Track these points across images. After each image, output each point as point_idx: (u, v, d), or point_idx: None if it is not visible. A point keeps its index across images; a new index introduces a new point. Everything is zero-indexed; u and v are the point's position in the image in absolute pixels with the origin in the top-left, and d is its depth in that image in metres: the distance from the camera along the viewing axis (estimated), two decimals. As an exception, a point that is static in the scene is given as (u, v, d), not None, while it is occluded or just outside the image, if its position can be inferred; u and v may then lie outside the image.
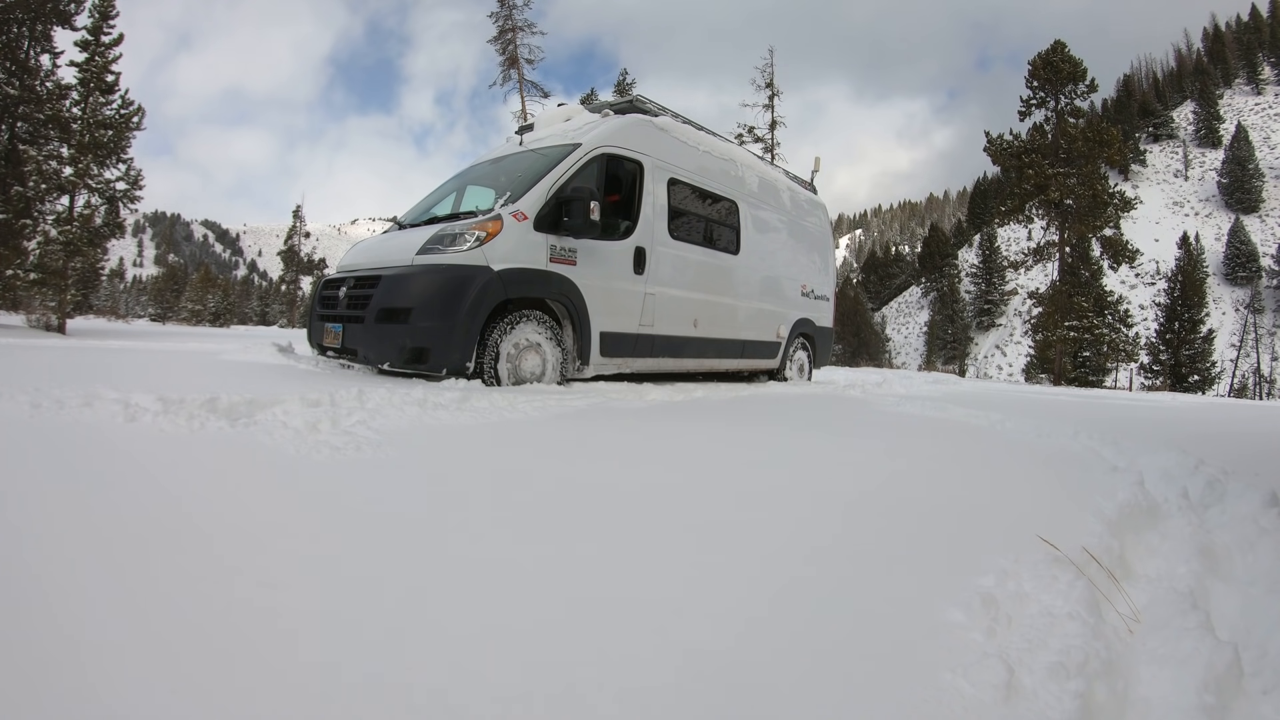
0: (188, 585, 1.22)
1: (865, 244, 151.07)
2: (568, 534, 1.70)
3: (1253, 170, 67.76)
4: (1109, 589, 1.62)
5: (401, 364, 4.01)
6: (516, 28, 23.36)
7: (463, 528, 1.69)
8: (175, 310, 45.74)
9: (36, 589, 1.15)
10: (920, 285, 73.53)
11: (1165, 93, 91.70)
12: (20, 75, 13.34)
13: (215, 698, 0.93)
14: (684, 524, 1.82)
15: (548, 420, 3.23)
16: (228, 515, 1.59)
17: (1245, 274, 59.58)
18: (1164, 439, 3.93)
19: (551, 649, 1.14)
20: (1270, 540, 2.10)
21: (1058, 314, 21.39)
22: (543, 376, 4.40)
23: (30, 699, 0.89)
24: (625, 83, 30.28)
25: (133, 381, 2.88)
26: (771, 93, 25.09)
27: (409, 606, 1.23)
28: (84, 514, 1.48)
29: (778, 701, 1.07)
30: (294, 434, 2.36)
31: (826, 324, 7.96)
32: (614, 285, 4.85)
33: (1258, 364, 41.29)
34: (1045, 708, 1.13)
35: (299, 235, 40.37)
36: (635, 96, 6.06)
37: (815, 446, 3.07)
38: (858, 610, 1.40)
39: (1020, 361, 40.38)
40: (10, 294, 13.35)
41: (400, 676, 1.02)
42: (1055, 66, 21.83)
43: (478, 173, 5.77)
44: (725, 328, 6.10)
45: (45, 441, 1.98)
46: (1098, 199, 20.35)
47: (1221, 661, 1.28)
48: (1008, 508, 2.23)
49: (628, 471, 2.30)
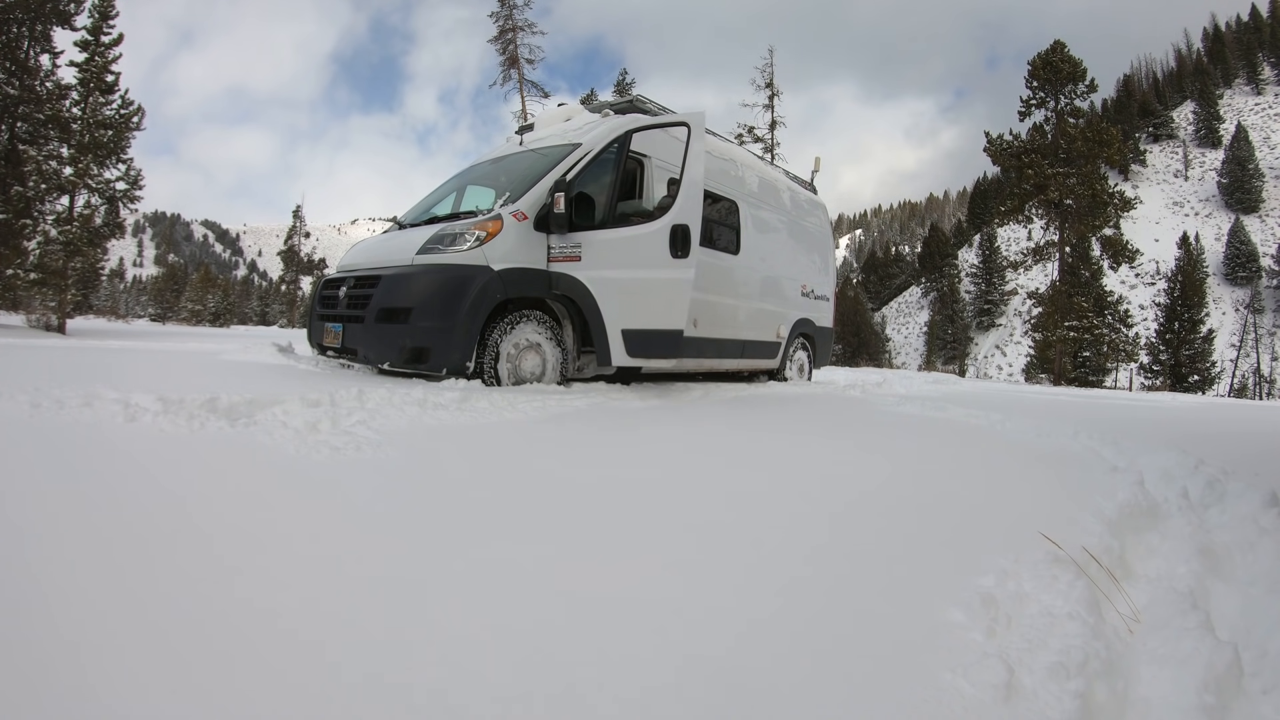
0: (187, 585, 1.22)
1: (865, 244, 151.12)
2: (568, 534, 1.70)
3: (1253, 170, 67.73)
4: (1109, 589, 1.62)
5: (401, 364, 4.01)
6: (517, 28, 23.36)
7: (463, 528, 1.69)
8: (175, 310, 45.73)
9: (36, 589, 1.15)
10: (920, 285, 73.51)
11: (1165, 93, 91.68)
12: (20, 75, 13.33)
13: (215, 697, 0.93)
14: (684, 524, 1.82)
15: (548, 421, 3.23)
16: (227, 515, 1.59)
17: (1245, 274, 59.56)
18: (1164, 439, 3.93)
19: (551, 649, 1.13)
20: (1270, 540, 2.10)
21: (1058, 314, 21.38)
22: (543, 376, 4.40)
23: (30, 699, 0.89)
24: (625, 82, 30.28)
25: (133, 381, 2.88)
26: (771, 93, 25.08)
27: (409, 606, 1.23)
28: (84, 514, 1.48)
29: (778, 701, 1.06)
30: (294, 434, 2.36)
31: (826, 324, 7.95)
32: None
33: (1258, 364, 41.28)
34: (1045, 708, 1.13)
35: (299, 235, 40.36)
36: (635, 96, 6.05)
37: (815, 447, 3.07)
38: (857, 610, 1.40)
39: (1020, 361, 40.36)
40: (10, 294, 13.35)
41: (400, 676, 1.02)
42: (1055, 66, 21.82)
43: (478, 173, 5.76)
44: (725, 328, 6.09)
45: (45, 441, 1.98)
46: (1097, 199, 20.34)
47: (1221, 661, 1.28)
48: (1007, 508, 2.23)
49: (628, 472, 2.30)
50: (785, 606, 1.38)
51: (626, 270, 4.39)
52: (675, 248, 4.43)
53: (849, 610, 1.40)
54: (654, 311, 4.49)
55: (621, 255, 4.40)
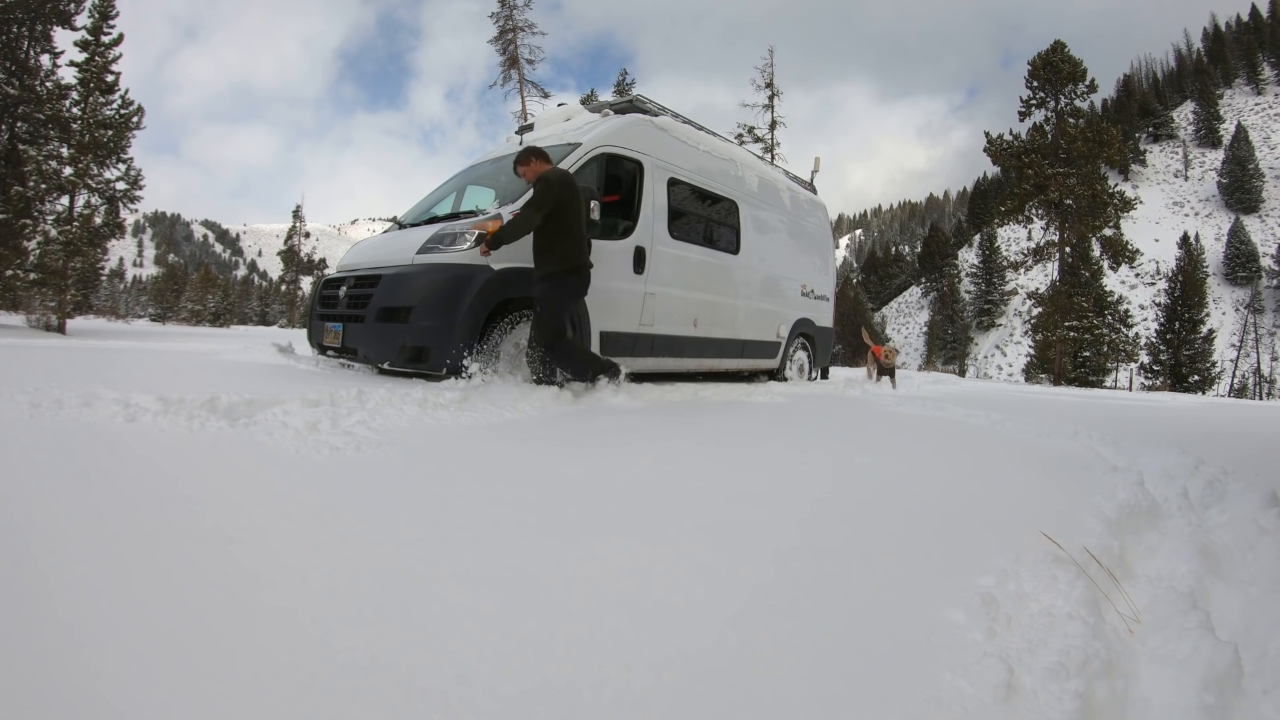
0: (187, 586, 1.22)
1: (865, 244, 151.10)
2: (568, 534, 1.70)
3: (1253, 170, 67.73)
4: (1109, 589, 1.62)
5: (401, 363, 4.01)
6: (517, 28, 23.37)
7: (463, 527, 1.69)
8: (175, 310, 45.73)
9: (35, 589, 1.15)
10: (920, 285, 73.50)
11: (1165, 93, 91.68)
12: (20, 75, 13.34)
13: (216, 697, 0.93)
14: (684, 524, 1.82)
15: (547, 420, 3.23)
16: (227, 515, 1.59)
17: (1245, 274, 59.56)
18: (1164, 439, 3.93)
19: (551, 649, 1.13)
20: (1270, 540, 2.10)
21: (1058, 314, 21.38)
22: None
23: (30, 699, 0.88)
24: (625, 83, 30.28)
25: (132, 381, 2.88)
26: (772, 93, 25.08)
27: (409, 606, 1.23)
28: (83, 514, 1.48)
29: (778, 701, 1.06)
30: (294, 434, 2.36)
31: (826, 324, 7.95)
32: (614, 285, 4.85)
33: (1258, 364, 41.27)
34: (1045, 708, 1.13)
35: (299, 235, 40.37)
36: (635, 96, 6.06)
37: (814, 447, 3.07)
38: (858, 610, 1.40)
39: (1020, 361, 40.36)
40: (10, 294, 13.35)
41: (400, 676, 1.02)
42: (1055, 67, 21.82)
43: (478, 173, 5.77)
44: (725, 328, 6.09)
45: (44, 441, 1.98)
46: (1098, 199, 20.33)
47: (1222, 661, 1.28)
48: (1007, 508, 2.23)
49: (628, 472, 2.30)
50: (786, 607, 1.38)
51: (607, 278, 4.74)
52: (636, 265, 5.06)
53: (849, 610, 1.40)
54: (620, 317, 4.94)
55: (605, 264, 4.72)
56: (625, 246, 4.97)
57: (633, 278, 5.01)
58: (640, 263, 5.05)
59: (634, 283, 5.02)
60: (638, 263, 5.04)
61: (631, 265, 4.99)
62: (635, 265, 5.02)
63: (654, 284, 5.18)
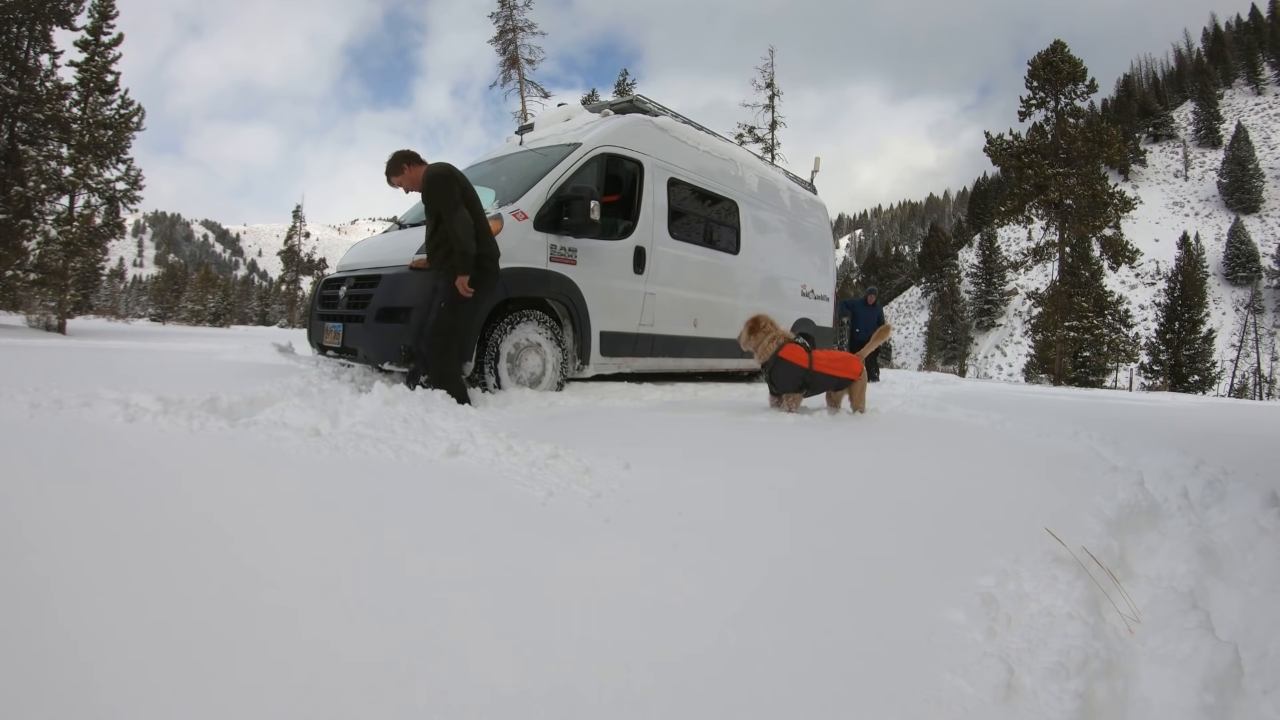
0: (186, 586, 1.22)
1: (865, 244, 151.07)
2: (567, 534, 1.70)
3: (1253, 170, 67.70)
4: (1109, 589, 1.62)
5: (401, 363, 4.01)
6: (517, 28, 23.36)
7: (463, 527, 1.69)
8: (175, 310, 45.69)
9: (35, 588, 1.15)
10: (920, 285, 73.49)
11: (1165, 93, 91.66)
12: (20, 75, 13.32)
13: (216, 696, 0.93)
14: (684, 524, 1.82)
15: (547, 419, 3.23)
16: (227, 515, 1.59)
17: (1245, 274, 59.54)
18: (1164, 439, 3.92)
19: (551, 649, 1.13)
20: (1270, 540, 2.10)
21: (1058, 314, 21.36)
22: (543, 376, 4.40)
23: (30, 699, 0.88)
24: (625, 83, 30.27)
25: (132, 381, 2.88)
26: (772, 93, 25.07)
27: (409, 606, 1.23)
28: (83, 514, 1.48)
29: (778, 701, 1.06)
30: (294, 434, 2.36)
31: (826, 324, 7.96)
32: (614, 285, 4.85)
33: (1258, 364, 41.26)
34: (1045, 708, 1.13)
35: (299, 235, 40.35)
36: (635, 96, 6.06)
37: (813, 447, 3.07)
38: (858, 611, 1.40)
39: (1020, 361, 40.36)
40: (10, 294, 13.33)
41: (400, 676, 1.02)
42: (1055, 67, 21.79)
43: (478, 172, 5.76)
44: (725, 328, 6.09)
45: (44, 441, 1.97)
46: (1097, 199, 20.31)
47: (1221, 661, 1.28)
48: (1007, 508, 2.23)
49: (627, 471, 2.30)
50: (786, 607, 1.38)
51: (606, 278, 4.75)
52: (636, 265, 5.04)
53: (849, 610, 1.40)
54: (620, 316, 4.92)
55: (604, 263, 4.73)
56: (625, 246, 4.97)
57: (633, 278, 5.01)
58: (640, 263, 5.06)
59: (634, 283, 5.02)
60: (638, 263, 5.04)
61: (631, 265, 4.99)
62: (635, 265, 5.02)
63: (654, 284, 5.18)
